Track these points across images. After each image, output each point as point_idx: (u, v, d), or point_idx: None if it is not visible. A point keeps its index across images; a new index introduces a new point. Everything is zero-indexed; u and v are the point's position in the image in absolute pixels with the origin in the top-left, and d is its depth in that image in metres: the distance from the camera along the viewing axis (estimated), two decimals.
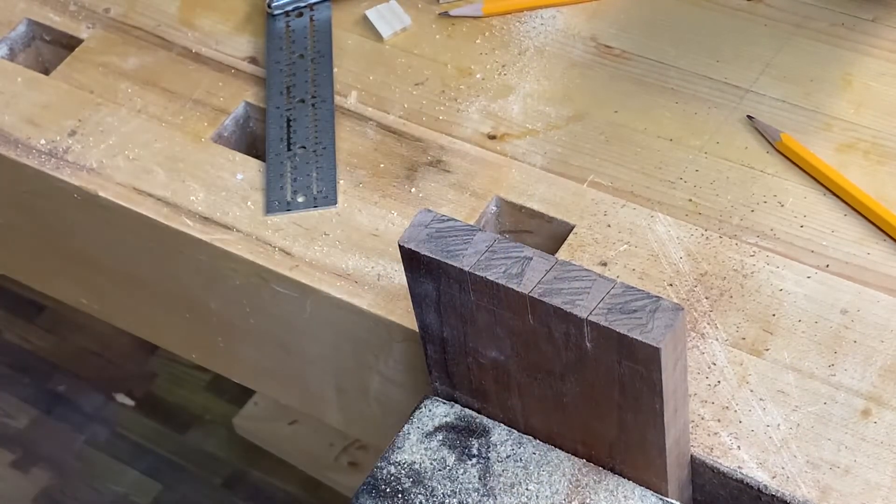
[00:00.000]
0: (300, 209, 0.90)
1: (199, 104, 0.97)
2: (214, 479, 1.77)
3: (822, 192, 0.87)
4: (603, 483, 0.76)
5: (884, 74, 0.93)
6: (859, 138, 0.90)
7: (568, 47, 0.97)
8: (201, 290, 0.95)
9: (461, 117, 0.94)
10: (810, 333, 0.80)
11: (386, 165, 0.92)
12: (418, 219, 0.73)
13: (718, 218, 0.86)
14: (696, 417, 0.77)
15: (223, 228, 0.90)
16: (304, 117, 0.95)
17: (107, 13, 1.04)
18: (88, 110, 0.98)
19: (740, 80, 0.94)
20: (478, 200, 0.89)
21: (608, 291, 0.68)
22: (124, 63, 1.01)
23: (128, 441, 1.82)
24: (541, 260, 0.70)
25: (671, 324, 0.66)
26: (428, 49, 0.99)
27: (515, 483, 0.76)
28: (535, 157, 0.91)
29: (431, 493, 0.76)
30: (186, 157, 0.94)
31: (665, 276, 0.84)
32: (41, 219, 1.00)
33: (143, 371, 1.89)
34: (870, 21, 0.96)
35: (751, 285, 0.83)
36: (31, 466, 1.81)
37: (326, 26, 1.00)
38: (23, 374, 1.91)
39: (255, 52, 1.00)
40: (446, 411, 0.80)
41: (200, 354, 1.05)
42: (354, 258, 0.87)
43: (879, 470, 0.75)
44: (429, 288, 0.73)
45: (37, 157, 0.95)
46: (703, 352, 0.80)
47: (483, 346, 0.74)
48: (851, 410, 0.77)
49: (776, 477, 0.75)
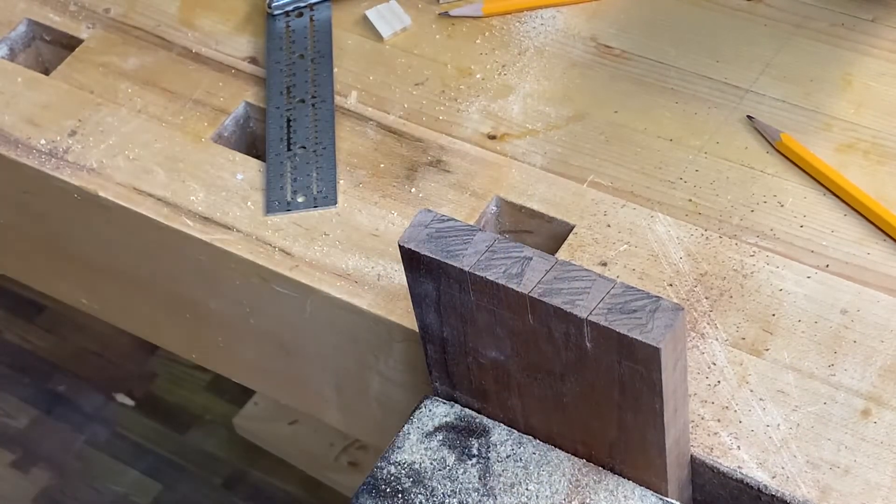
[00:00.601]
0: (300, 209, 0.90)
1: (199, 104, 0.97)
2: (214, 479, 1.77)
3: (821, 192, 0.87)
4: (603, 483, 0.76)
5: (884, 74, 0.93)
6: (859, 138, 0.90)
7: (568, 47, 0.97)
8: (201, 290, 0.95)
9: (461, 117, 0.94)
10: (810, 333, 0.80)
11: (386, 165, 0.92)
12: (418, 219, 0.73)
13: (718, 218, 0.86)
14: (696, 417, 0.77)
15: (223, 228, 0.90)
16: (304, 117, 0.95)
17: (107, 13, 1.04)
18: (88, 110, 0.98)
19: (740, 80, 0.94)
20: (478, 200, 0.89)
21: (608, 291, 0.68)
22: (124, 63, 1.01)
23: (128, 441, 1.82)
24: (541, 260, 0.70)
25: (671, 324, 0.66)
26: (428, 49, 0.99)
27: (515, 483, 0.76)
28: (535, 157, 0.91)
29: (431, 493, 0.76)
30: (186, 157, 0.94)
31: (665, 276, 0.84)
32: (41, 219, 1.00)
33: (143, 371, 1.89)
34: (870, 21, 0.96)
35: (751, 285, 0.83)
36: (31, 466, 1.81)
37: (326, 26, 1.00)
38: (23, 374, 1.91)
39: (255, 52, 1.00)
40: (446, 411, 0.80)
41: (200, 354, 1.05)
42: (354, 258, 0.87)
43: (879, 470, 0.75)
44: (429, 288, 0.73)
45: (37, 157, 0.95)
46: (703, 352, 0.80)
47: (483, 346, 0.74)
48: (851, 410, 0.77)
49: (776, 477, 0.75)
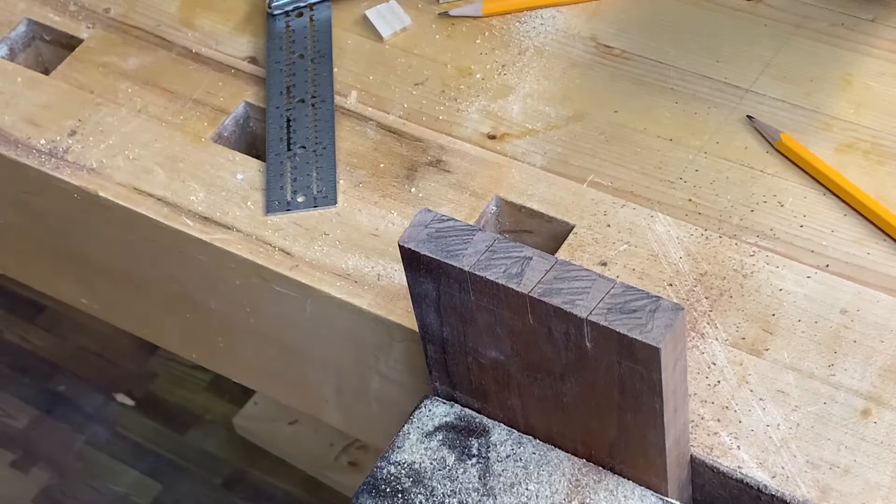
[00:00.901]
0: (300, 209, 0.90)
1: (199, 104, 0.97)
2: (214, 479, 1.77)
3: (821, 192, 0.87)
4: (603, 483, 0.76)
5: (884, 74, 0.93)
6: (859, 138, 0.90)
7: (568, 47, 0.97)
8: (201, 290, 0.95)
9: (461, 117, 0.94)
10: (810, 333, 0.80)
11: (386, 165, 0.92)
12: (418, 219, 0.73)
13: (718, 218, 0.86)
14: (696, 417, 0.77)
15: (223, 228, 0.90)
16: (304, 117, 0.95)
17: (107, 13, 1.04)
18: (88, 110, 0.98)
19: (740, 80, 0.94)
20: (478, 200, 0.89)
21: (608, 291, 0.68)
22: (124, 63, 1.01)
23: (128, 441, 1.82)
24: (541, 260, 0.70)
25: (671, 324, 0.66)
26: (428, 49, 0.99)
27: (515, 483, 0.76)
28: (534, 156, 0.91)
29: (431, 493, 0.76)
30: (186, 157, 0.94)
31: (665, 276, 0.84)
32: (41, 219, 1.00)
33: (143, 371, 1.89)
34: (870, 21, 0.96)
35: (751, 285, 0.83)
36: (31, 466, 1.81)
37: (326, 26, 1.00)
38: (23, 374, 1.91)
39: (255, 52, 1.00)
40: (446, 411, 0.80)
41: (200, 354, 1.05)
42: (354, 258, 0.87)
43: (879, 470, 0.75)
44: (429, 288, 0.73)
45: (37, 157, 0.95)
46: (702, 352, 0.80)
47: (483, 346, 0.74)
48: (851, 410, 0.77)
49: (776, 477, 0.75)
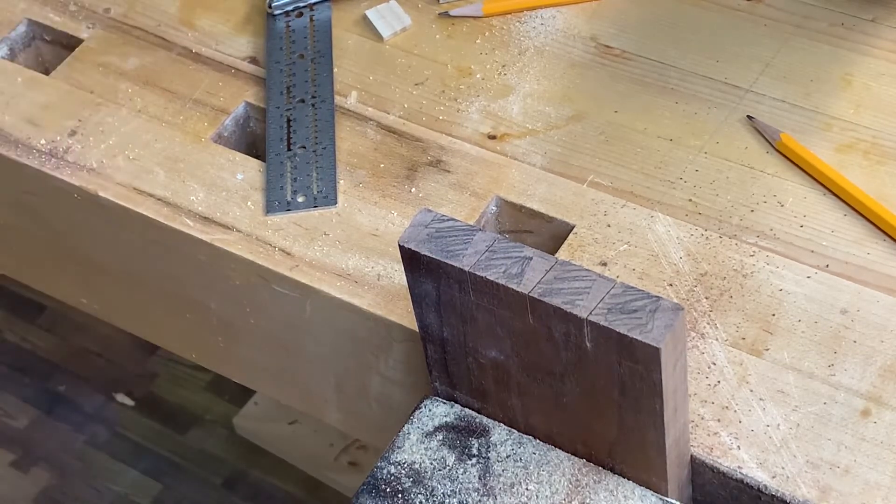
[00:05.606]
0: (300, 209, 0.90)
1: (199, 104, 0.97)
2: (214, 479, 1.77)
3: (821, 192, 0.87)
4: (603, 483, 0.76)
5: (884, 74, 0.93)
6: (859, 138, 0.90)
7: (568, 47, 0.97)
8: (201, 290, 0.95)
9: (461, 117, 0.94)
10: (810, 333, 0.80)
11: (386, 165, 0.92)
12: (418, 219, 0.73)
13: (718, 218, 0.86)
14: (696, 417, 0.77)
15: (223, 228, 0.90)
16: (304, 117, 0.95)
17: (107, 13, 1.04)
18: (88, 110, 0.98)
19: (740, 80, 0.94)
20: (478, 200, 0.89)
21: (608, 291, 0.68)
22: (124, 63, 1.01)
23: (128, 441, 1.82)
24: (541, 260, 0.70)
25: (671, 324, 0.66)
26: (428, 49, 0.99)
27: (515, 483, 0.76)
28: (535, 157, 0.91)
29: (431, 493, 0.76)
30: (186, 157, 0.94)
31: (665, 276, 0.84)
32: (41, 219, 1.00)
33: (143, 371, 1.89)
34: (870, 21, 0.96)
35: (751, 285, 0.83)
36: (31, 466, 1.81)
37: (326, 26, 1.00)
38: (23, 374, 1.91)
39: (255, 52, 1.00)
40: (446, 411, 0.80)
41: (200, 354, 1.05)
42: (354, 258, 0.87)
43: (879, 470, 0.75)
44: (429, 288, 0.73)
45: (37, 157, 0.95)
46: (702, 352, 0.80)
47: (483, 346, 0.74)
48: (851, 410, 0.77)
49: (776, 477, 0.75)
